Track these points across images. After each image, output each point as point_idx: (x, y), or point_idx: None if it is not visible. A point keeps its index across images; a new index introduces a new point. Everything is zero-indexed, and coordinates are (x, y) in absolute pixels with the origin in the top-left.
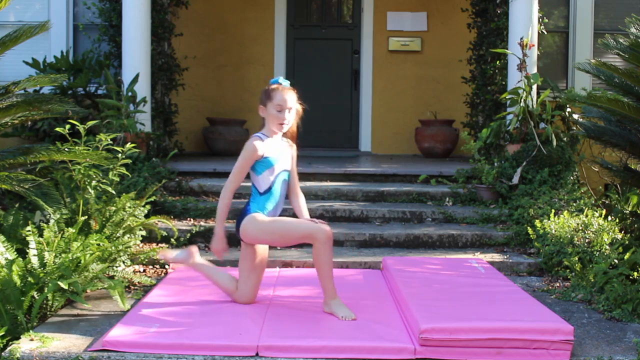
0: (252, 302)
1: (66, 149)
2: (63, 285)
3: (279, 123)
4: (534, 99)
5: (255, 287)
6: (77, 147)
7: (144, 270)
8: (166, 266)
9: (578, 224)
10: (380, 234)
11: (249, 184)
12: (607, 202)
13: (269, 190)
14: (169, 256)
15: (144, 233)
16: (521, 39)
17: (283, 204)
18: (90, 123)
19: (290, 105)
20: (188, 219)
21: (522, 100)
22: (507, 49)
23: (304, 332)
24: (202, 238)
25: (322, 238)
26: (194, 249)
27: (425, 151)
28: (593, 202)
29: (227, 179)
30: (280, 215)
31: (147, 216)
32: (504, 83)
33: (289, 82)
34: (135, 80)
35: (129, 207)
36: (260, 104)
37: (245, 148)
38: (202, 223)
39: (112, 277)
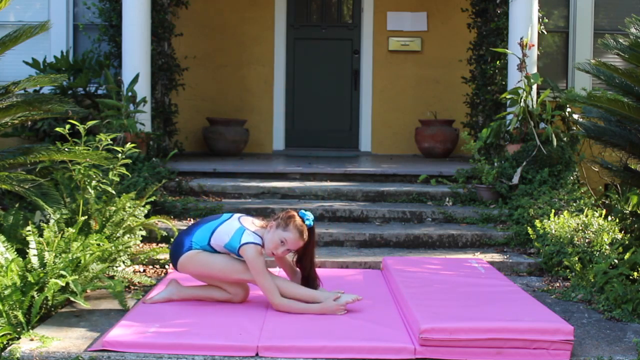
0: (248, 294)
1: (66, 149)
2: (62, 283)
3: (272, 252)
4: (534, 99)
5: (238, 286)
6: (77, 147)
7: (144, 270)
8: (166, 266)
9: (578, 224)
10: (380, 234)
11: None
12: (607, 202)
13: (220, 253)
14: (154, 298)
15: (144, 233)
16: (521, 39)
17: None
18: (90, 123)
19: (293, 248)
20: (188, 219)
21: (522, 100)
22: (507, 49)
23: (304, 332)
24: None
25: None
26: (173, 281)
27: (425, 151)
28: (593, 202)
29: (226, 178)
30: None
31: (147, 216)
32: (504, 83)
33: (312, 220)
34: (135, 80)
35: (129, 207)
36: (276, 221)
37: (251, 260)
38: None
39: (112, 277)
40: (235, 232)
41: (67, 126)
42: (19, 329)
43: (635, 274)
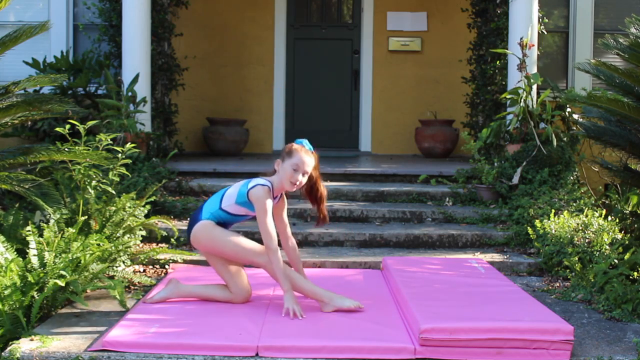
0: (249, 296)
1: (66, 149)
2: (62, 283)
3: (292, 182)
4: (534, 99)
5: (245, 281)
6: (77, 147)
7: (144, 270)
8: (166, 266)
9: (578, 224)
10: (380, 234)
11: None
12: (607, 202)
13: (232, 217)
14: (154, 297)
15: (144, 233)
16: (521, 39)
17: None
18: (90, 123)
19: (307, 169)
20: (188, 219)
21: (522, 100)
22: (507, 49)
23: (304, 332)
24: None
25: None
26: (173, 280)
27: (425, 151)
28: (593, 202)
29: (226, 178)
30: None
31: (147, 216)
32: (504, 83)
33: (312, 147)
34: (135, 80)
35: (129, 207)
36: (279, 158)
37: (258, 198)
38: None
39: (112, 277)
40: (243, 184)
41: (67, 126)
42: (19, 329)
43: (635, 274)
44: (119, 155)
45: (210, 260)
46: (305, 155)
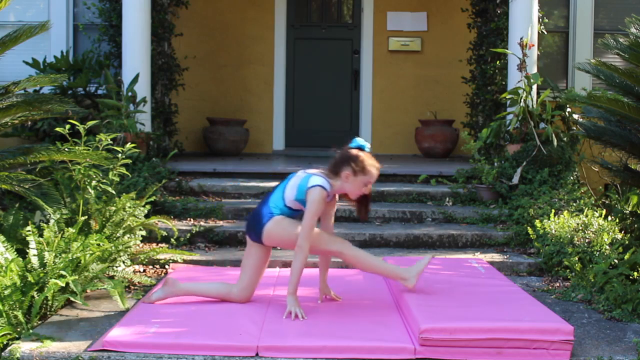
0: (249, 299)
1: (66, 149)
2: (62, 283)
3: (358, 194)
4: (534, 99)
5: (255, 284)
6: (77, 147)
7: (144, 270)
8: (166, 266)
9: (578, 224)
10: (380, 234)
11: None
12: (607, 202)
13: (293, 212)
14: (152, 297)
15: (144, 233)
16: (521, 39)
17: None
18: (90, 123)
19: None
20: (188, 219)
21: (522, 100)
22: (507, 49)
23: (304, 332)
24: (202, 238)
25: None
26: (171, 278)
27: (425, 151)
28: (593, 202)
29: (226, 178)
30: None
31: (147, 216)
32: (504, 83)
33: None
34: (135, 80)
35: (129, 207)
36: (347, 169)
37: (314, 198)
38: (202, 223)
39: (112, 277)
40: (303, 179)
41: (67, 126)
42: (19, 329)
43: (635, 274)
44: (119, 155)
45: (254, 252)
46: (376, 172)
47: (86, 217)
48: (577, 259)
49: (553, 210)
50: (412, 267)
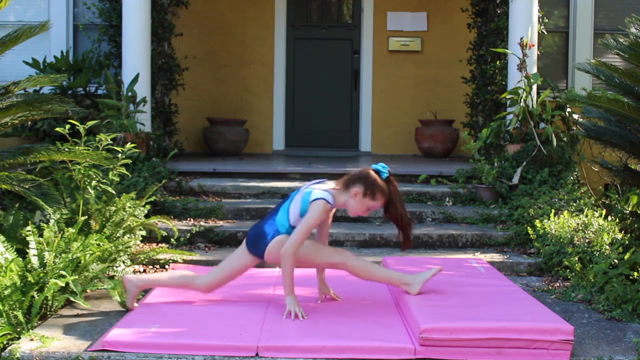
0: (211, 292)
1: (66, 149)
2: (62, 283)
3: (358, 214)
4: (534, 99)
5: (223, 284)
6: (77, 147)
7: (144, 270)
8: (166, 266)
9: (578, 224)
10: (380, 234)
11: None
12: (607, 202)
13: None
14: (127, 306)
15: (144, 233)
16: (521, 39)
17: None
18: (90, 123)
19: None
20: (188, 219)
21: (522, 100)
22: (507, 49)
23: (304, 332)
24: (202, 238)
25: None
26: (127, 278)
27: (425, 151)
28: (593, 202)
29: (226, 178)
30: None
31: (147, 216)
32: (504, 83)
33: (387, 171)
34: (135, 80)
35: (129, 207)
36: (359, 187)
37: (316, 210)
38: (202, 223)
39: (112, 277)
40: (305, 194)
41: (67, 126)
42: (19, 329)
43: (635, 274)
44: (119, 155)
45: (240, 258)
46: (384, 200)
47: (86, 217)
48: (577, 259)
49: (553, 210)
50: (418, 275)
